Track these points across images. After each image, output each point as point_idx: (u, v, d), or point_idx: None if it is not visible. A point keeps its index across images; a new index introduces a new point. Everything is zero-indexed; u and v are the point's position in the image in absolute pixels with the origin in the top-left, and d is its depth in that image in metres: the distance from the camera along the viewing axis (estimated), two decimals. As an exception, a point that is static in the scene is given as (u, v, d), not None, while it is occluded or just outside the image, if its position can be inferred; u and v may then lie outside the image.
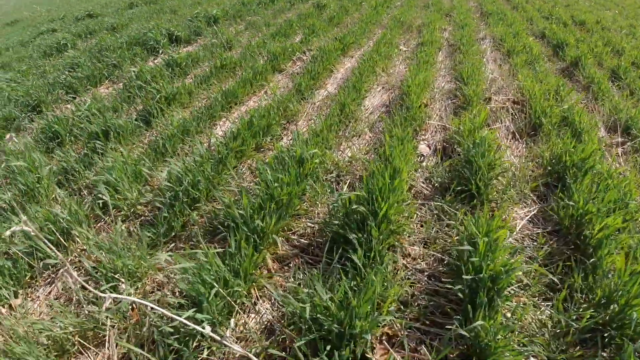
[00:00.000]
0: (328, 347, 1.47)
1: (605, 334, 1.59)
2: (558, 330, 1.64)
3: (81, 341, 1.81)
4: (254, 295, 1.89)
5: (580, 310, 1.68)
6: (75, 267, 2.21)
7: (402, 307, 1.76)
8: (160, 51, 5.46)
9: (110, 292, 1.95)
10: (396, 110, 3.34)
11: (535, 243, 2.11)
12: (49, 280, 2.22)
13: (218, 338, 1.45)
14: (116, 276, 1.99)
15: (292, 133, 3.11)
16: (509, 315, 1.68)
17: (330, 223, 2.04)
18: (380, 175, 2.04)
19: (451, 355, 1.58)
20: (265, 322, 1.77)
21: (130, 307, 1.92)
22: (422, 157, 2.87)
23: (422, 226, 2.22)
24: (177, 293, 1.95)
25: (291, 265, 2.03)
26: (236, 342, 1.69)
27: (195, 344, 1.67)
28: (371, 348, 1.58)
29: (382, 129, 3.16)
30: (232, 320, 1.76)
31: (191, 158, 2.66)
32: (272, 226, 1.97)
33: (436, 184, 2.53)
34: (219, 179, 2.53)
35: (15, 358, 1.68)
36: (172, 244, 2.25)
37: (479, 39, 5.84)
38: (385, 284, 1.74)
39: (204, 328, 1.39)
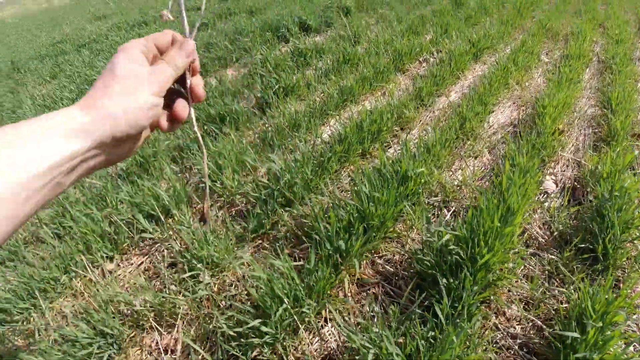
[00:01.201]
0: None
1: None
2: None
3: (155, 320, 1.88)
4: (323, 316, 1.79)
5: None
6: (168, 246, 2.30)
7: (480, 375, 1.52)
8: (290, 39, 5.54)
9: (194, 281, 2.00)
10: (524, 133, 2.97)
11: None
12: (143, 251, 2.34)
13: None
14: (199, 266, 2.01)
15: (402, 143, 2.92)
16: None
17: (420, 259, 1.84)
18: (489, 216, 1.78)
19: None
20: (329, 350, 1.66)
21: (206, 297, 1.94)
22: (546, 195, 2.51)
23: (527, 282, 1.91)
24: (250, 294, 1.93)
25: (370, 292, 1.88)
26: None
27: (254, 354, 1.62)
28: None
29: (504, 153, 2.82)
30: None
31: (292, 156, 2.61)
32: (356, 249, 1.83)
33: (555, 233, 2.17)
34: (317, 182, 2.45)
35: (91, 322, 1.79)
36: (259, 241, 2.23)
37: (634, 58, 5.00)
38: (468, 343, 1.52)
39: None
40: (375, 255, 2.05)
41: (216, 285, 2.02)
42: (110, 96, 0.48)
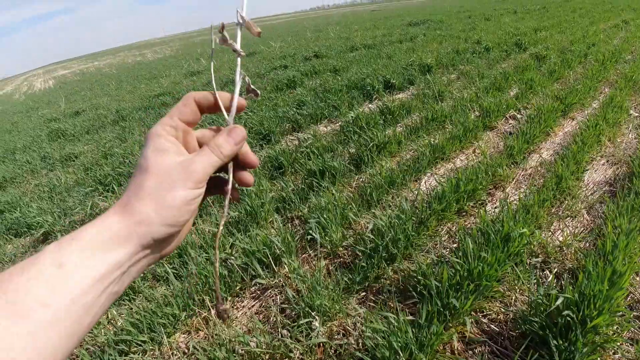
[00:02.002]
0: None
1: None
2: None
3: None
4: (432, 371, 1.88)
5: None
6: (279, 292, 2.50)
7: None
8: (375, 96, 5.85)
9: (305, 327, 2.17)
10: (622, 193, 2.94)
11: None
12: (254, 295, 2.56)
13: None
14: (312, 313, 2.19)
15: (499, 201, 3.00)
16: None
17: (528, 319, 1.90)
18: (599, 280, 1.83)
19: None
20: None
21: (317, 344, 2.10)
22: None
23: (631, 345, 1.90)
24: (360, 344, 2.05)
25: (477, 351, 1.95)
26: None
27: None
28: None
29: (603, 213, 2.81)
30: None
31: (394, 212, 2.78)
32: (467, 307, 1.93)
33: (660, 296, 2.15)
34: (418, 239, 2.58)
35: (212, 358, 1.99)
36: (363, 293, 2.38)
37: None
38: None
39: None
40: (479, 314, 2.13)
41: (325, 334, 2.17)
42: (141, 198, 0.46)
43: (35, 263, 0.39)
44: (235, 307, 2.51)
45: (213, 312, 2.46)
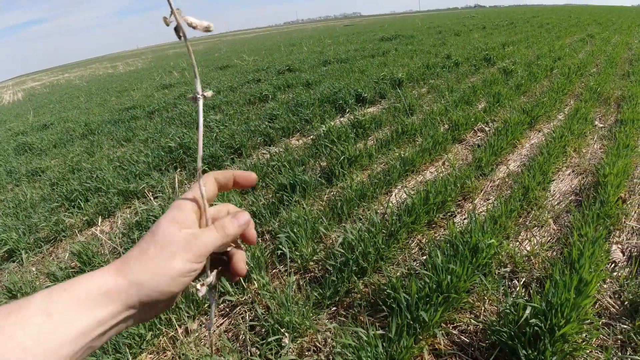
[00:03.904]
0: None
1: None
2: None
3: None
4: (404, 384, 1.86)
5: None
6: (248, 308, 2.45)
7: None
8: (347, 110, 5.89)
9: (274, 344, 2.13)
10: (588, 202, 3.01)
11: None
12: (223, 312, 2.50)
13: None
14: (282, 330, 2.15)
15: (467, 212, 3.03)
16: None
17: (497, 330, 1.91)
18: (565, 288, 1.85)
19: None
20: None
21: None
22: (614, 265, 2.52)
23: (600, 352, 1.92)
24: (331, 360, 2.02)
25: (448, 363, 1.95)
26: None
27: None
28: None
29: (570, 222, 2.87)
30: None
31: (365, 225, 2.77)
32: (436, 319, 1.93)
33: (626, 302, 2.18)
34: (388, 252, 2.58)
35: None
36: (334, 308, 2.35)
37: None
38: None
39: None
40: (449, 326, 2.12)
41: (296, 350, 2.13)
42: (142, 261, 0.48)
43: (22, 308, 0.41)
44: (203, 325, 2.44)
45: (180, 331, 2.39)
